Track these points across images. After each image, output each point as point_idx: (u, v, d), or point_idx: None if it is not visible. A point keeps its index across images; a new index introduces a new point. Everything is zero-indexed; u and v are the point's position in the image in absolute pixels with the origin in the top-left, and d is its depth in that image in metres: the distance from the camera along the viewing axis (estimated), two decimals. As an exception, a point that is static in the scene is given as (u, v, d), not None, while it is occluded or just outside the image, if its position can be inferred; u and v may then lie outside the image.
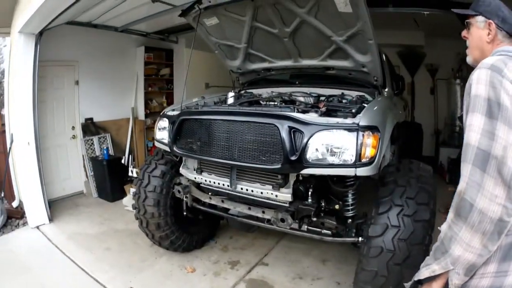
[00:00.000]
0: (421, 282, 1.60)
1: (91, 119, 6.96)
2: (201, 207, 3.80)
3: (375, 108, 3.12)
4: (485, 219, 1.29)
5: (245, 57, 4.25)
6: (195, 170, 3.58)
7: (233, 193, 3.32)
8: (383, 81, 3.85)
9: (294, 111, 2.98)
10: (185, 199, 3.81)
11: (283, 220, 3.01)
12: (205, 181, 3.48)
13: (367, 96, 3.68)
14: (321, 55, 3.77)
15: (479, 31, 1.70)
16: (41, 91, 5.64)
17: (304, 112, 3.03)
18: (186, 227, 4.26)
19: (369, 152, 2.66)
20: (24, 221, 5.44)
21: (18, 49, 5.16)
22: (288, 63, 4.07)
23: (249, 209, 3.28)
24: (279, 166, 2.81)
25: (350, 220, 3.08)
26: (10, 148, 5.47)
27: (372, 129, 2.69)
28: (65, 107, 6.49)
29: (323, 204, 3.10)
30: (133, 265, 4.22)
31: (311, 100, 3.53)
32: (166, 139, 3.65)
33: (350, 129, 2.68)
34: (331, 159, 2.71)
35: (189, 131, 3.39)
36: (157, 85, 8.36)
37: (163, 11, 5.42)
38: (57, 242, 4.86)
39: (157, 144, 3.91)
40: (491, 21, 1.65)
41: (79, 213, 5.93)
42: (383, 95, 3.86)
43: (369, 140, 2.65)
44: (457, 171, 5.08)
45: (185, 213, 4.00)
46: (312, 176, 2.97)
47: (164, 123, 3.73)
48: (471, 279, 1.39)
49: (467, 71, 7.24)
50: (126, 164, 7.05)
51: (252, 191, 3.15)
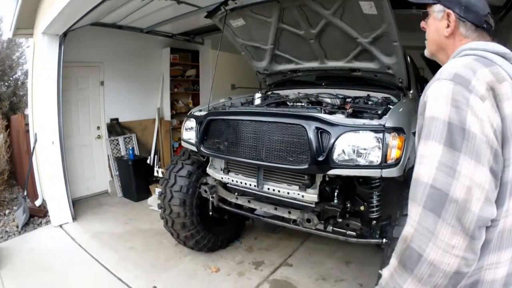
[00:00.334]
0: None
1: (117, 119, 7.04)
2: (227, 207, 3.82)
3: (401, 109, 3.11)
4: (437, 273, 1.01)
5: (271, 58, 4.27)
6: (222, 170, 3.60)
7: (259, 193, 3.33)
8: (408, 83, 3.83)
9: (321, 112, 2.99)
10: (211, 199, 3.84)
11: (309, 220, 3.01)
12: (232, 181, 3.50)
13: (392, 98, 3.67)
14: (347, 57, 3.77)
15: (436, 22, 1.40)
16: (65, 92, 5.71)
17: (330, 113, 3.03)
18: (211, 227, 4.29)
19: (394, 153, 2.64)
20: (47, 220, 5.52)
21: (41, 50, 5.24)
22: (314, 64, 4.08)
23: (275, 209, 3.29)
24: (306, 166, 2.81)
25: (374, 221, 3.06)
26: (34, 147, 5.55)
27: (397, 130, 2.68)
28: (90, 108, 6.57)
29: (348, 205, 3.09)
30: (157, 264, 4.25)
31: (338, 101, 3.54)
32: (193, 139, 3.69)
33: (376, 131, 2.68)
34: (357, 160, 2.71)
35: (217, 131, 3.42)
36: (183, 86, 8.42)
37: (189, 12, 5.46)
38: (80, 241, 4.91)
39: (184, 144, 3.94)
40: (450, 11, 1.34)
41: (103, 213, 5.99)
42: (408, 97, 3.84)
43: (395, 141, 2.64)
44: None
45: (210, 213, 4.04)
46: (338, 177, 2.97)
47: (191, 123, 3.76)
48: None
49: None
50: (151, 164, 7.12)
51: (278, 191, 3.16)
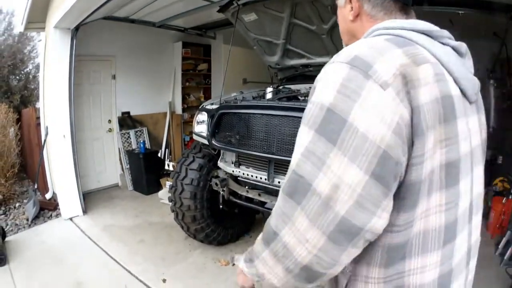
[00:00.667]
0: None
1: (128, 113, 7.06)
2: (238, 201, 3.81)
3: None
4: (290, 257, 0.91)
5: (283, 53, 4.25)
6: (233, 163, 3.61)
7: (270, 186, 3.33)
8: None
9: None
10: (221, 192, 3.84)
11: None
12: (243, 174, 3.51)
13: None
14: (359, 52, 3.74)
15: (341, 10, 1.21)
16: (77, 85, 5.73)
17: None
18: (221, 220, 4.29)
19: None
20: (57, 213, 5.56)
21: (53, 44, 5.25)
22: (326, 59, 3.98)
23: None
24: None
25: None
26: (45, 140, 5.58)
27: None
28: (101, 101, 6.60)
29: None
30: (166, 257, 4.26)
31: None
32: (204, 132, 3.69)
33: None
34: None
35: (228, 125, 3.43)
36: (194, 80, 8.42)
37: (201, 6, 5.45)
38: (90, 233, 4.93)
39: (195, 137, 3.95)
40: None
41: (114, 206, 6.02)
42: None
43: None
44: (489, 172, 4.94)
45: (221, 206, 4.02)
46: None
47: (203, 116, 3.76)
48: None
49: (501, 71, 7.11)
50: (162, 157, 7.16)
51: None
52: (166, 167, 6.44)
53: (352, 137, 0.82)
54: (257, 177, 3.39)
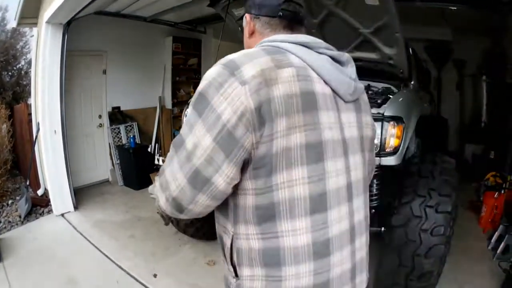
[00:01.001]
0: None
1: (118, 108, 7.04)
2: None
3: (401, 99, 3.15)
4: (167, 190, 1.21)
5: (270, 45, 4.22)
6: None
7: None
8: (409, 74, 3.82)
9: None
10: None
11: None
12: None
13: (392, 88, 3.66)
14: (348, 47, 3.73)
15: (245, 29, 1.44)
16: (68, 80, 5.73)
17: None
18: (211, 215, 4.24)
19: (393, 142, 2.70)
20: (49, 209, 5.55)
21: (45, 39, 5.23)
22: (313, 52, 4.04)
23: None
24: None
25: (373, 210, 3.06)
26: (36, 136, 5.57)
27: (396, 119, 2.72)
28: (92, 96, 6.58)
29: (346, 193, 3.12)
30: (157, 252, 4.28)
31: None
32: None
33: (375, 119, 2.66)
34: None
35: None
36: (185, 74, 8.43)
37: (192, 1, 5.45)
38: (81, 229, 4.96)
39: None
40: (247, 14, 1.41)
41: (105, 201, 6.04)
42: (409, 88, 3.83)
43: (394, 130, 2.69)
44: (481, 167, 4.97)
45: None
46: None
47: None
48: (241, 280, 1.25)
49: (493, 67, 7.15)
50: (152, 152, 7.12)
51: None
52: (156, 162, 6.43)
53: (211, 115, 1.09)
54: None
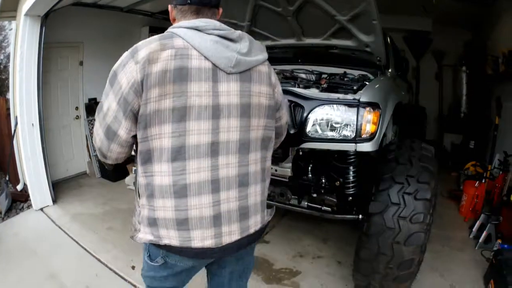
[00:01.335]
0: None
1: (95, 99, 6.90)
2: None
3: (377, 85, 3.14)
4: (95, 141, 1.68)
5: (248, 35, 4.19)
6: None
7: None
8: (386, 61, 3.84)
9: (295, 87, 2.99)
10: None
11: (282, 194, 3.03)
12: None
13: (369, 75, 3.67)
14: (324, 34, 3.73)
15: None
16: (45, 73, 5.64)
17: (305, 88, 3.03)
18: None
19: (369, 128, 2.68)
20: (28, 204, 5.47)
21: (24, 32, 5.12)
22: (291, 41, 4.04)
23: None
24: None
25: (350, 197, 3.09)
26: (14, 130, 5.45)
27: (373, 105, 2.70)
28: (69, 88, 6.47)
29: (323, 180, 3.11)
30: (135, 244, 4.21)
31: (313, 77, 3.52)
32: None
33: (350, 105, 2.69)
34: (331, 134, 2.74)
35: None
36: (162, 63, 8.32)
37: (168, -9, 5.36)
38: (61, 223, 4.91)
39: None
40: (169, 4, 1.73)
41: (83, 194, 5.96)
42: (386, 75, 3.84)
43: (370, 116, 2.67)
44: (460, 156, 5.03)
45: None
46: (312, 151, 2.99)
47: None
48: (141, 208, 1.67)
49: (473, 58, 7.23)
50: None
51: None
52: (132, 153, 6.39)
53: (116, 86, 1.50)
54: None
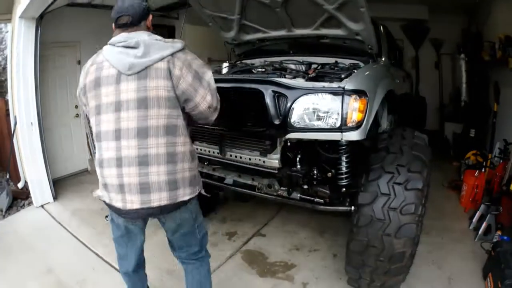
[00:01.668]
0: None
1: (94, 97, 6.91)
2: None
3: (365, 73, 3.10)
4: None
5: (239, 28, 4.18)
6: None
7: (224, 160, 3.31)
8: (378, 50, 3.80)
9: (280, 77, 2.96)
10: None
11: (270, 186, 3.02)
12: (197, 149, 3.47)
13: (360, 64, 3.61)
14: (314, 24, 3.69)
15: None
16: (43, 72, 5.71)
17: (292, 78, 3.00)
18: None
19: (355, 116, 2.61)
20: (29, 201, 5.55)
21: (19, 34, 5.18)
22: (281, 33, 4.00)
23: (239, 176, 3.30)
24: (263, 130, 2.82)
25: (344, 189, 3.02)
26: (14, 130, 5.52)
27: (359, 93, 2.64)
28: (67, 87, 6.48)
29: (315, 172, 3.08)
30: (131, 237, 4.27)
31: (303, 67, 3.49)
32: None
33: (335, 93, 2.63)
34: (316, 124, 2.68)
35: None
36: (160, 60, 8.31)
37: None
38: (60, 219, 4.97)
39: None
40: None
41: (83, 190, 5.99)
42: (378, 63, 3.80)
43: (356, 104, 2.60)
44: (462, 145, 4.93)
45: None
46: (300, 142, 2.96)
47: None
48: None
49: (470, 46, 7.15)
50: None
51: (241, 157, 3.15)
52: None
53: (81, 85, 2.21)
54: (209, 151, 3.37)
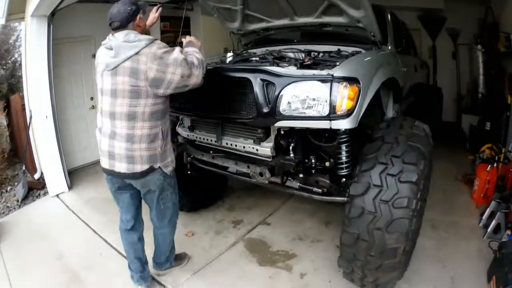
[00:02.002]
0: None
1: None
2: (201, 165, 3.83)
3: (360, 60, 3.05)
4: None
5: (243, 19, 4.18)
6: (188, 128, 3.62)
7: (220, 148, 3.36)
8: (383, 37, 3.73)
9: (273, 65, 2.94)
10: (188, 158, 3.85)
11: (261, 174, 3.00)
12: (197, 138, 3.53)
13: (363, 51, 3.54)
14: (315, 12, 3.65)
15: None
16: (59, 67, 5.91)
17: (285, 66, 2.96)
18: (190, 187, 4.31)
19: (345, 104, 2.55)
20: (45, 191, 5.73)
21: (31, 31, 5.34)
22: (284, 22, 3.97)
23: (236, 164, 3.31)
24: (252, 118, 2.82)
25: (344, 179, 2.95)
26: (30, 123, 5.72)
27: (349, 80, 2.58)
28: (83, 80, 6.64)
29: (313, 161, 3.06)
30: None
31: (302, 55, 3.47)
32: None
33: (323, 80, 2.58)
34: (305, 112, 2.65)
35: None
36: (176, 52, 8.39)
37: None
38: (73, 207, 5.13)
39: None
40: None
41: (98, 179, 6.03)
42: (381, 50, 3.73)
43: (346, 91, 2.54)
44: (478, 138, 4.75)
45: (189, 172, 3.99)
46: (293, 130, 2.94)
47: None
48: None
49: (487, 36, 6.97)
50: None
51: (236, 145, 3.17)
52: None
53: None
54: (207, 139, 3.40)
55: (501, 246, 3.21)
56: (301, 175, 3.09)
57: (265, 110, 2.73)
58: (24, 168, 6.01)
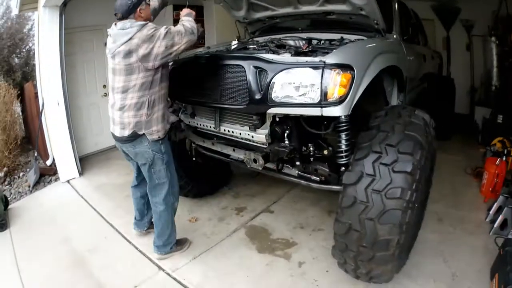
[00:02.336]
0: None
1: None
2: (204, 152, 3.88)
3: (357, 47, 3.03)
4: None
5: (248, 7, 4.21)
6: (189, 114, 3.66)
7: (218, 134, 3.40)
8: (387, 25, 3.69)
9: (268, 53, 2.95)
10: (193, 145, 3.92)
11: (255, 160, 3.02)
12: (198, 124, 3.57)
13: (366, 39, 3.50)
14: (319, 0, 3.65)
15: None
16: (71, 56, 6.05)
17: (280, 53, 2.97)
18: (195, 174, 4.37)
19: (337, 91, 2.51)
20: (56, 177, 5.85)
21: (43, 21, 5.45)
22: (288, 10, 3.97)
23: (233, 150, 3.35)
24: (245, 105, 2.84)
25: (343, 167, 2.89)
26: (42, 110, 5.83)
27: (342, 67, 2.54)
28: (95, 68, 6.73)
29: (311, 149, 3.04)
30: (144, 210, 4.41)
31: (302, 43, 3.45)
32: None
33: (315, 67, 2.56)
34: (296, 98, 2.63)
35: (177, 78, 3.44)
36: (188, 40, 8.39)
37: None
38: (83, 193, 5.23)
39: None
40: None
41: (109, 166, 6.24)
42: (384, 38, 3.68)
43: (338, 78, 2.51)
44: (491, 131, 4.63)
45: (193, 159, 4.03)
46: (288, 117, 2.93)
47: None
48: None
49: (501, 28, 6.84)
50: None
51: (233, 132, 3.21)
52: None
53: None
54: (206, 126, 3.45)
55: (505, 243, 3.13)
56: (298, 163, 3.07)
57: (258, 96, 2.74)
58: (36, 154, 6.14)
